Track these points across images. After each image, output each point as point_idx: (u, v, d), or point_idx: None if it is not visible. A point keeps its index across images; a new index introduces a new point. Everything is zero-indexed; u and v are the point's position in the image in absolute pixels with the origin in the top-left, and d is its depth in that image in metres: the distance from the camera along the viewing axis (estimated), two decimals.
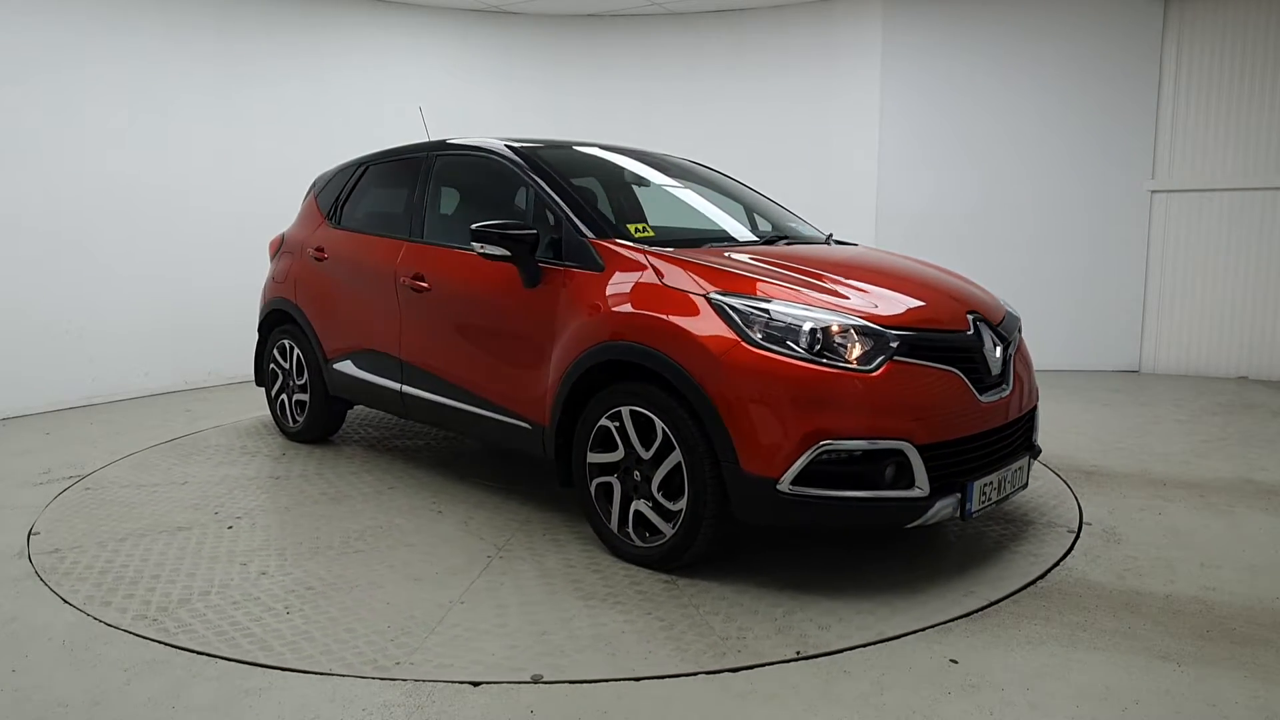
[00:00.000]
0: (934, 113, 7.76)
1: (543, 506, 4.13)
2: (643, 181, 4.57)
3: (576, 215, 3.69)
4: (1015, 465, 3.38)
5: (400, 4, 7.94)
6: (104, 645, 2.79)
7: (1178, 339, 7.60)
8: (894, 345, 3.04)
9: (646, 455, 3.27)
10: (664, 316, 3.19)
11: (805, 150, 8.05)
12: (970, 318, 3.34)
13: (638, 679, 2.56)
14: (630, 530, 3.37)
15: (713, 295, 3.16)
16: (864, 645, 2.76)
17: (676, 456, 3.16)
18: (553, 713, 2.39)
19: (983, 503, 3.18)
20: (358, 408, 5.77)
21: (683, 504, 3.16)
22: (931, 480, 3.01)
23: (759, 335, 3.03)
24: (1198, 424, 5.71)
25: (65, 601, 3.11)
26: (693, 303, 3.17)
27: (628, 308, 3.32)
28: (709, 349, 3.05)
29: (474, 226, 3.70)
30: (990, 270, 6.97)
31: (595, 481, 3.47)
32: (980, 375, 3.25)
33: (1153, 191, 7.55)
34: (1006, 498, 3.35)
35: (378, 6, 7.86)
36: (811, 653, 2.70)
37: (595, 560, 3.46)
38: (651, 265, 3.39)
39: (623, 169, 4.53)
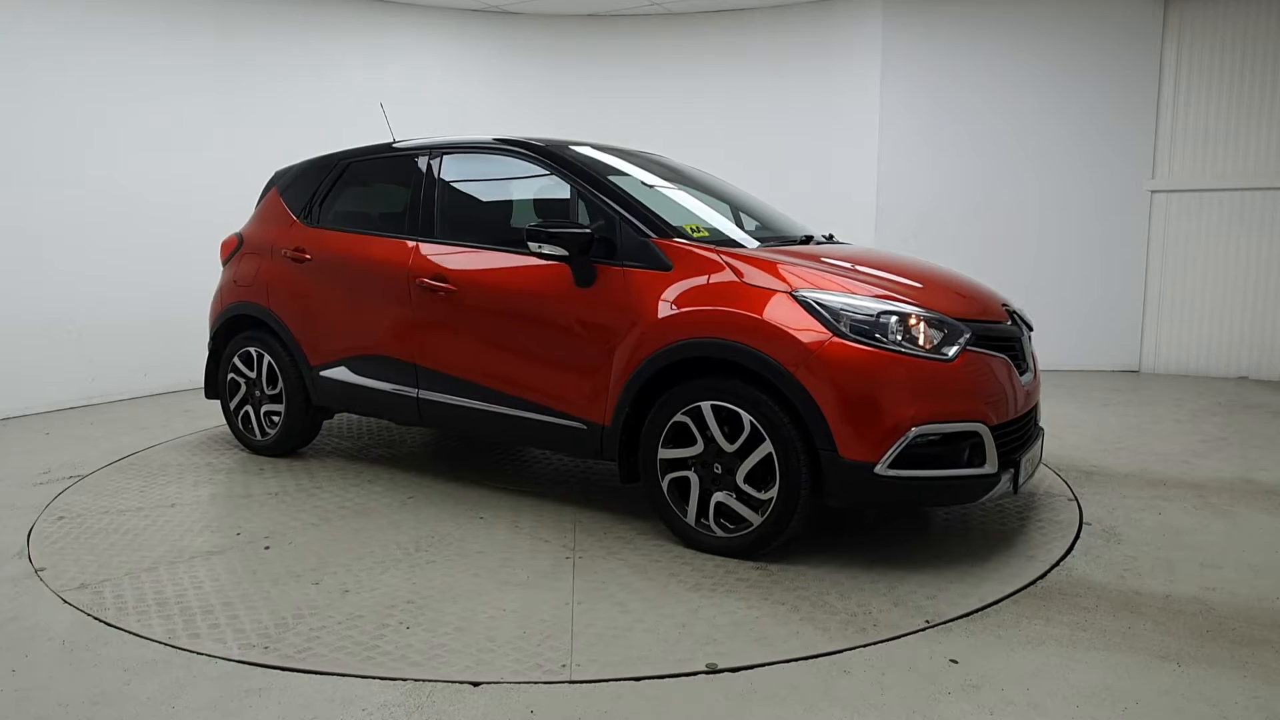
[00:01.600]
0: (934, 113, 7.76)
1: (584, 505, 4.14)
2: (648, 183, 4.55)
3: (634, 215, 3.73)
4: (1038, 443, 3.73)
5: (400, 4, 7.94)
6: (104, 645, 2.79)
7: (1178, 339, 7.60)
8: (966, 336, 3.31)
9: (731, 448, 3.36)
10: (754, 314, 3.31)
11: (805, 150, 8.06)
12: (1006, 310, 3.76)
13: (641, 678, 2.56)
14: (711, 521, 3.46)
15: (798, 292, 3.31)
16: (863, 645, 2.76)
17: (767, 447, 3.28)
18: (553, 713, 2.39)
19: (1025, 477, 3.48)
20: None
21: (773, 493, 3.30)
22: (997, 458, 3.30)
23: (847, 329, 3.21)
24: (1198, 424, 5.71)
25: (65, 602, 3.11)
26: (779, 300, 3.32)
27: (712, 306, 3.41)
28: (803, 343, 3.20)
29: (529, 226, 3.71)
30: (990, 270, 6.96)
31: (668, 477, 3.54)
32: (1019, 362, 3.60)
33: (1153, 191, 7.55)
34: (1033, 473, 3.65)
35: (378, 6, 7.86)
36: (940, 620, 2.93)
37: (676, 553, 3.52)
38: (728, 265, 3.49)
39: (627, 170, 4.51)
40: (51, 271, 6.23)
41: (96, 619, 2.96)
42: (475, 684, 2.54)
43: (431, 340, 4.21)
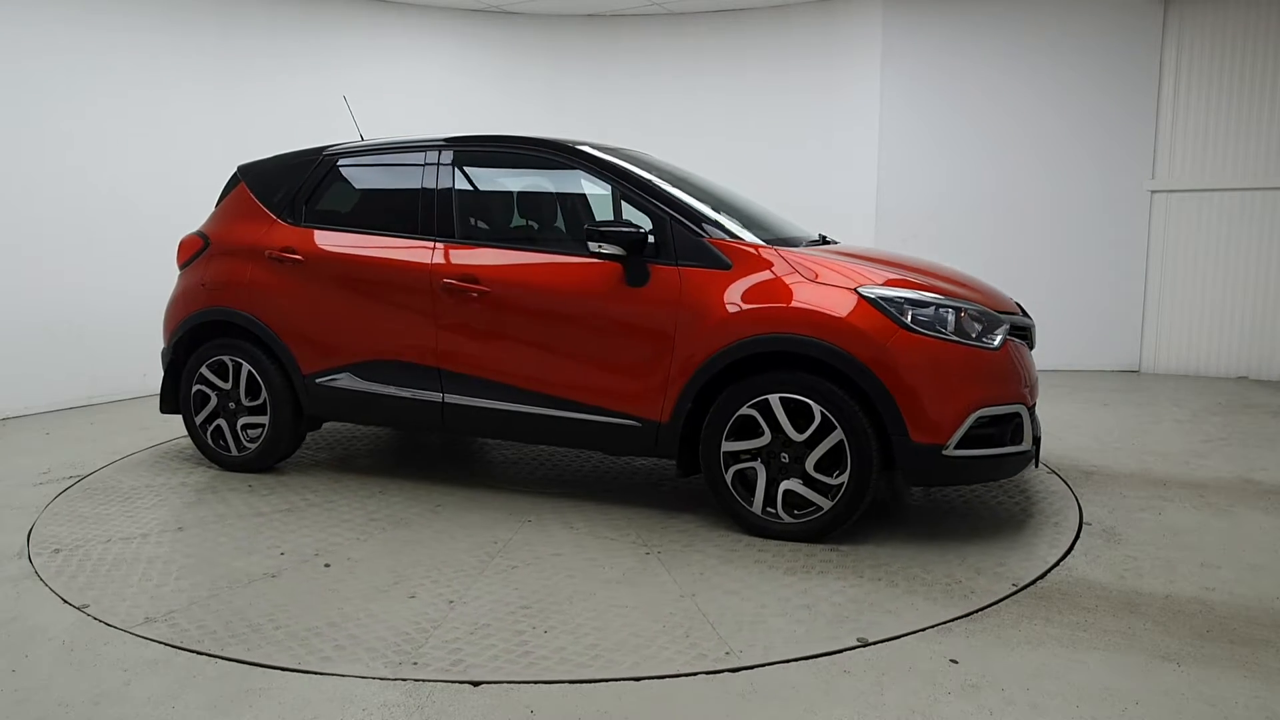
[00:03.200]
0: (934, 113, 7.75)
1: (626, 501, 4.19)
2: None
3: (686, 216, 3.81)
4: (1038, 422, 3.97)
5: (400, 4, 7.94)
6: (104, 645, 2.79)
7: (1178, 339, 7.60)
8: (1005, 326, 3.64)
9: (800, 437, 3.53)
10: (826, 310, 3.50)
11: (805, 150, 8.05)
12: (1016, 304, 4.08)
13: (638, 679, 2.56)
14: (779, 509, 3.60)
15: (862, 289, 3.53)
16: (863, 645, 2.76)
17: (838, 435, 3.47)
18: (553, 712, 2.39)
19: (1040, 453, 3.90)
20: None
21: (844, 478, 3.48)
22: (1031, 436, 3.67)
23: (911, 322, 3.47)
24: (1198, 424, 5.71)
25: (65, 601, 3.11)
26: (845, 296, 3.53)
27: (782, 303, 3.57)
28: (874, 336, 3.43)
29: (589, 226, 3.76)
30: (990, 270, 6.94)
31: (733, 469, 3.66)
32: (1031, 349, 3.96)
33: (1153, 191, 7.54)
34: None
35: (378, 6, 7.86)
36: (1026, 581, 3.22)
37: (746, 541, 3.63)
38: (789, 263, 3.66)
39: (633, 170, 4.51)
40: (52, 271, 6.22)
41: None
42: (475, 684, 2.54)
43: (460, 343, 4.10)
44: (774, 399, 3.54)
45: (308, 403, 4.47)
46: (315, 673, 2.60)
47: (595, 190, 4.27)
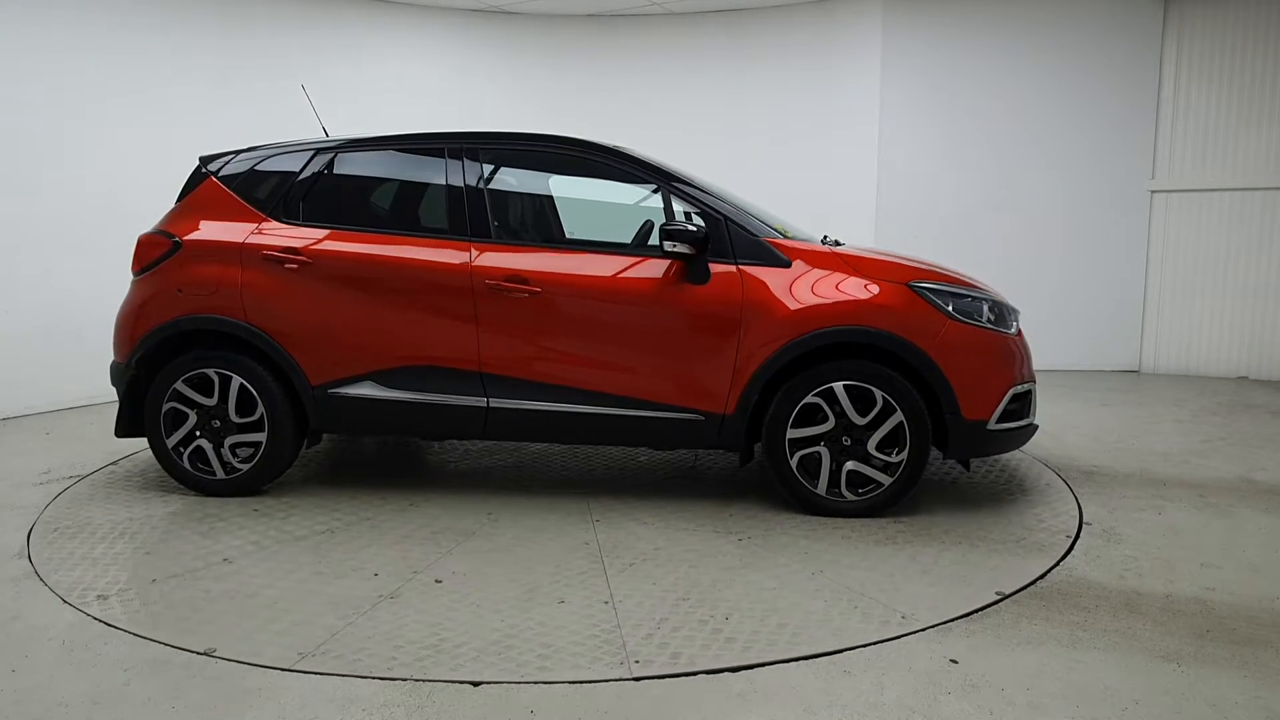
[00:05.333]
0: (934, 113, 7.76)
1: (663, 494, 4.28)
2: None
3: (739, 219, 4.00)
4: None
5: (400, 4, 7.94)
6: (104, 645, 2.79)
7: (1178, 339, 7.60)
8: (1017, 314, 4.16)
9: (863, 421, 3.81)
10: (887, 303, 3.83)
11: (805, 150, 8.05)
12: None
13: (637, 679, 2.56)
14: (843, 489, 3.86)
15: (912, 284, 3.88)
16: (863, 645, 2.76)
17: (898, 417, 3.79)
18: (552, 712, 2.39)
19: None
20: None
21: (903, 456, 3.81)
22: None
23: (956, 312, 3.86)
24: (1198, 424, 5.71)
25: (65, 601, 3.11)
26: (899, 290, 3.87)
27: (846, 297, 3.84)
28: (929, 326, 3.80)
29: (664, 225, 3.87)
30: (990, 270, 6.94)
31: (798, 454, 3.88)
32: None
33: (1153, 191, 7.55)
34: None
35: (378, 6, 7.86)
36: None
37: (814, 521, 3.87)
38: (843, 261, 3.96)
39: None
40: (52, 272, 6.23)
41: (95, 619, 2.92)
42: (475, 684, 2.54)
43: (507, 346, 4.01)
44: (838, 387, 3.80)
45: (317, 415, 4.16)
46: (315, 673, 2.60)
47: (639, 191, 4.31)
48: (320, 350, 4.13)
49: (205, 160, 4.53)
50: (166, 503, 4.20)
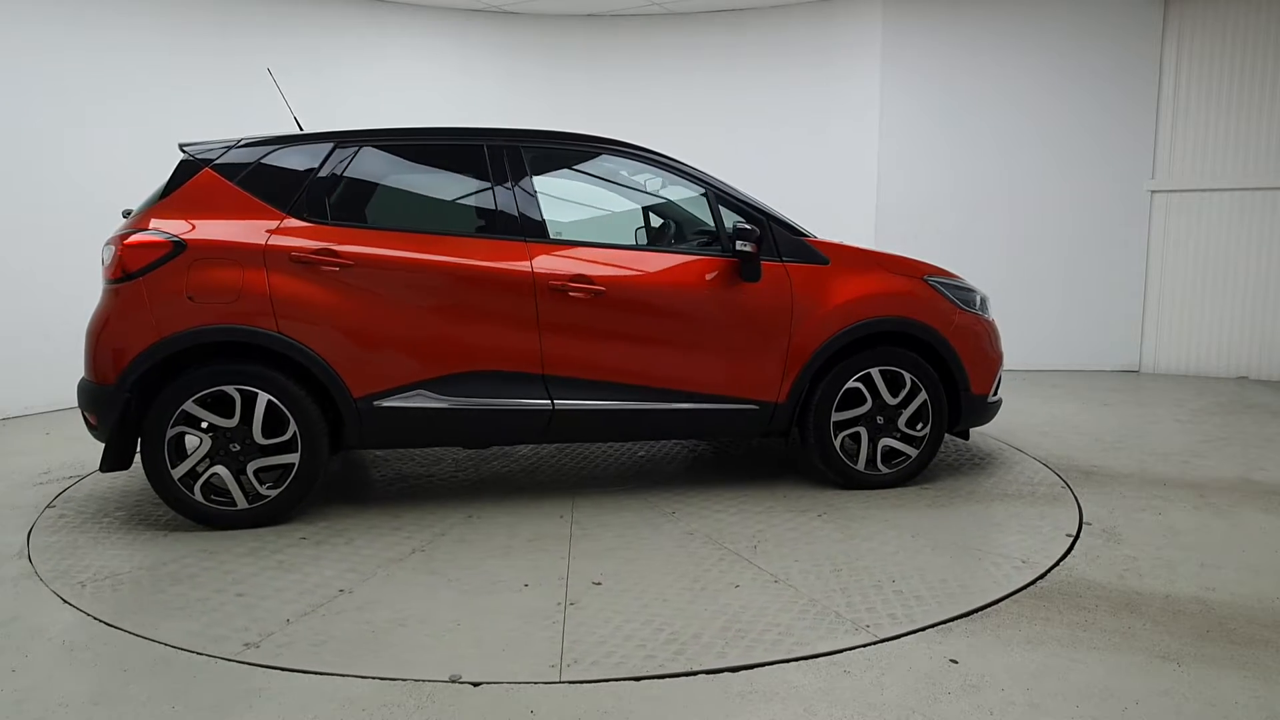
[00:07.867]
0: (933, 113, 7.75)
1: (724, 485, 4.46)
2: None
3: (779, 221, 4.25)
4: None
5: (400, 4, 7.94)
6: (104, 645, 2.79)
7: (1178, 339, 7.60)
8: (989, 302, 4.71)
9: (894, 401, 4.26)
10: (914, 295, 4.32)
11: (805, 149, 8.05)
12: None
13: (638, 679, 2.56)
14: (878, 463, 4.30)
15: (927, 278, 4.39)
16: (863, 645, 2.76)
17: (923, 396, 4.28)
18: (552, 712, 2.39)
19: None
20: None
21: (926, 430, 4.31)
22: None
23: (960, 302, 4.40)
24: (1198, 424, 5.71)
25: (65, 601, 3.11)
26: (919, 285, 4.36)
27: (882, 291, 4.27)
28: (946, 315, 4.33)
29: (738, 225, 4.05)
30: (990, 270, 6.97)
31: (841, 435, 4.26)
32: None
33: (1153, 191, 7.55)
34: None
35: (378, 6, 7.86)
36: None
37: (846, 495, 4.23)
38: (874, 258, 4.41)
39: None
40: (52, 272, 6.22)
41: (96, 619, 2.92)
42: (475, 684, 2.54)
43: (571, 346, 3.97)
44: (875, 372, 4.23)
45: (359, 430, 3.86)
46: (315, 673, 2.60)
47: (685, 193, 4.44)
48: (364, 360, 3.83)
49: (190, 148, 4.02)
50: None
